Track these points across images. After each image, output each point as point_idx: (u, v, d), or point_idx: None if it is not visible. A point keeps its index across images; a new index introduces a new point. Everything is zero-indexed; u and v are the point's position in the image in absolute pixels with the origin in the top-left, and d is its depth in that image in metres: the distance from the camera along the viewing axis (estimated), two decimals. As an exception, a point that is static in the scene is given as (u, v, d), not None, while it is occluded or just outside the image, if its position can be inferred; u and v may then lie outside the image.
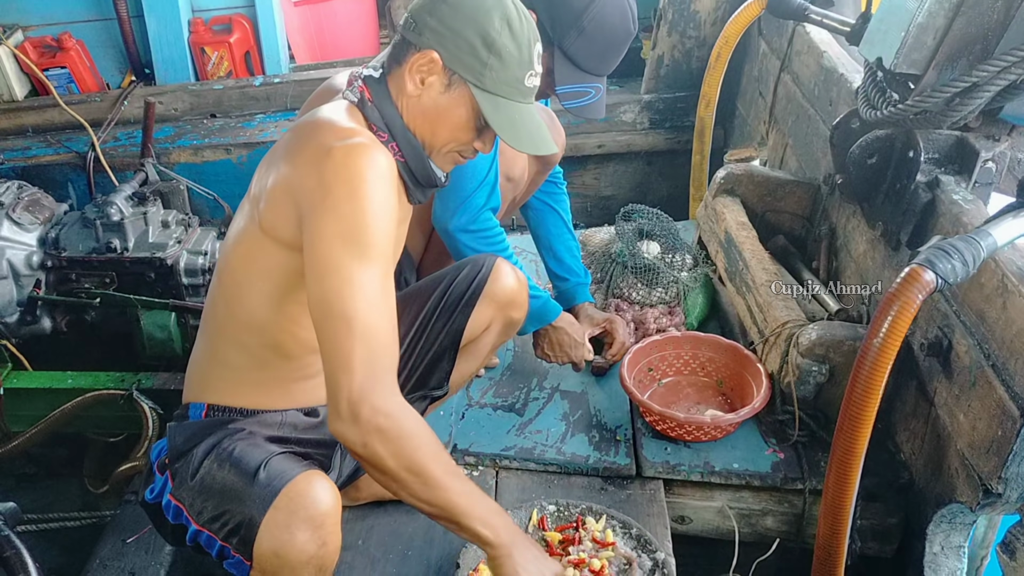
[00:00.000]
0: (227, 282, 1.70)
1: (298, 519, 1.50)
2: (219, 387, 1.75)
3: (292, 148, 1.58)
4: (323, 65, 4.23)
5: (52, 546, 2.69)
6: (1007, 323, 1.67)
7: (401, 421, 1.46)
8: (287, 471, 1.55)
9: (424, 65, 1.58)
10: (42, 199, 3.16)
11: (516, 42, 1.56)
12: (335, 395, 1.44)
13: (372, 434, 1.43)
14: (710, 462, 2.19)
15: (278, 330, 1.68)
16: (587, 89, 2.15)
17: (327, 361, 1.47)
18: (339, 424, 1.45)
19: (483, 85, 1.57)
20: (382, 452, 1.45)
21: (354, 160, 1.49)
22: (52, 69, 3.88)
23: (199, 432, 1.68)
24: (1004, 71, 1.82)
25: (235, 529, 1.55)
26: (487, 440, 2.31)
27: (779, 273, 2.51)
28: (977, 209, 1.91)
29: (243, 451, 1.61)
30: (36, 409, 2.80)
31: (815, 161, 2.77)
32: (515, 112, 1.61)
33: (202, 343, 1.79)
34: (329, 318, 1.46)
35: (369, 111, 1.63)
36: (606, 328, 2.60)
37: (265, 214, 1.59)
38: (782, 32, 3.14)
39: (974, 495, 1.76)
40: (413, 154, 1.65)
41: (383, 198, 1.50)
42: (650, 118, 3.79)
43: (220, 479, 1.58)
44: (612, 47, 2.13)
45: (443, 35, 1.55)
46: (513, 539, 1.57)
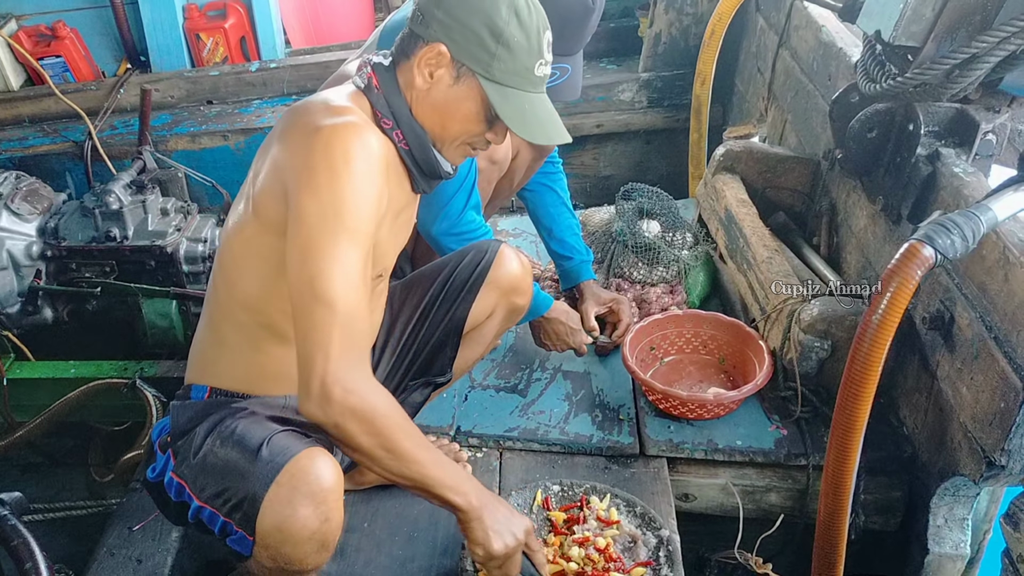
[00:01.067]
0: (226, 263, 1.71)
1: (300, 494, 1.51)
2: (221, 369, 1.76)
3: (285, 128, 1.58)
4: (319, 49, 4.21)
5: (59, 535, 2.69)
6: (1009, 295, 1.67)
7: (372, 401, 1.48)
8: (290, 447, 1.56)
9: (432, 58, 1.57)
10: (40, 189, 3.16)
11: (524, 31, 1.55)
12: (308, 375, 1.46)
13: (345, 414, 1.46)
14: (713, 440, 2.20)
15: (273, 310, 1.68)
16: (552, 70, 2.10)
17: (303, 340, 1.47)
18: (309, 404, 1.46)
19: (492, 76, 1.56)
20: (355, 430, 1.47)
21: (341, 139, 1.48)
22: (47, 58, 3.87)
23: (201, 411, 1.69)
24: (1003, 42, 1.80)
25: (238, 505, 1.56)
26: (490, 422, 2.32)
27: (780, 249, 2.51)
28: (978, 181, 1.90)
29: (246, 428, 1.62)
30: (40, 399, 2.81)
31: (815, 136, 2.76)
32: (525, 102, 1.60)
33: (204, 325, 1.80)
34: (309, 299, 1.46)
35: (375, 98, 1.62)
36: (611, 307, 2.59)
37: (258, 197, 1.59)
38: (780, 7, 3.12)
39: (977, 467, 1.76)
40: (418, 143, 1.64)
41: (368, 179, 1.50)
42: (648, 97, 3.77)
43: (222, 456, 1.59)
44: (569, 24, 2.06)
45: (450, 27, 1.54)
46: (482, 503, 1.61)
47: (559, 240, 2.65)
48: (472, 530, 1.62)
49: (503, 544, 1.63)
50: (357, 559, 1.98)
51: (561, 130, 1.67)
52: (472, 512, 1.60)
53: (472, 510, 1.59)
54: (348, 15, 4.50)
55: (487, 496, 1.64)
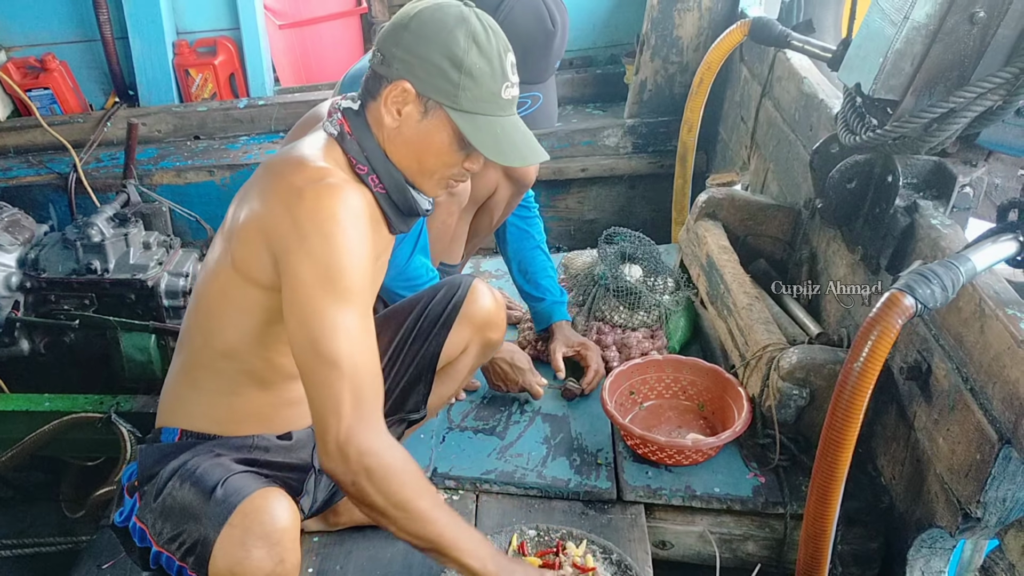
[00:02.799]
0: (202, 312, 1.70)
1: (254, 535, 1.49)
2: (193, 412, 1.74)
3: (264, 186, 1.58)
4: (308, 88, 4.24)
5: (27, 572, 2.65)
6: (985, 347, 1.68)
7: (388, 460, 1.48)
8: (244, 487, 1.54)
9: (397, 96, 1.57)
10: (22, 219, 3.14)
11: (485, 57, 1.54)
12: (323, 436, 1.46)
13: (360, 474, 1.46)
14: (691, 486, 2.19)
15: (254, 357, 1.68)
16: (521, 99, 2.04)
17: (314, 403, 1.48)
18: (328, 462, 1.47)
19: (459, 106, 1.55)
20: (370, 490, 1.48)
21: (325, 202, 1.48)
22: (35, 90, 3.88)
23: (168, 454, 1.66)
24: (980, 97, 1.83)
25: (191, 548, 1.53)
26: (467, 464, 2.30)
27: (760, 296, 2.52)
28: (955, 234, 1.92)
29: (205, 470, 1.60)
30: (12, 432, 2.76)
31: (796, 185, 2.79)
32: (496, 127, 1.59)
33: (177, 368, 1.78)
34: (314, 362, 1.47)
35: (348, 145, 1.62)
36: (579, 352, 2.59)
37: (237, 253, 1.58)
38: (763, 58, 3.16)
39: (953, 519, 1.76)
40: (394, 185, 1.64)
41: (357, 238, 1.50)
42: (633, 142, 3.81)
43: (179, 498, 1.57)
44: (532, 51, 2.03)
45: (411, 63, 1.54)
46: (499, 567, 1.58)
47: (533, 282, 2.65)
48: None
49: None
50: (329, 602, 1.95)
51: (537, 149, 1.66)
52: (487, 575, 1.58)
53: (490, 575, 1.57)
54: (337, 54, 4.54)
55: (504, 561, 1.62)
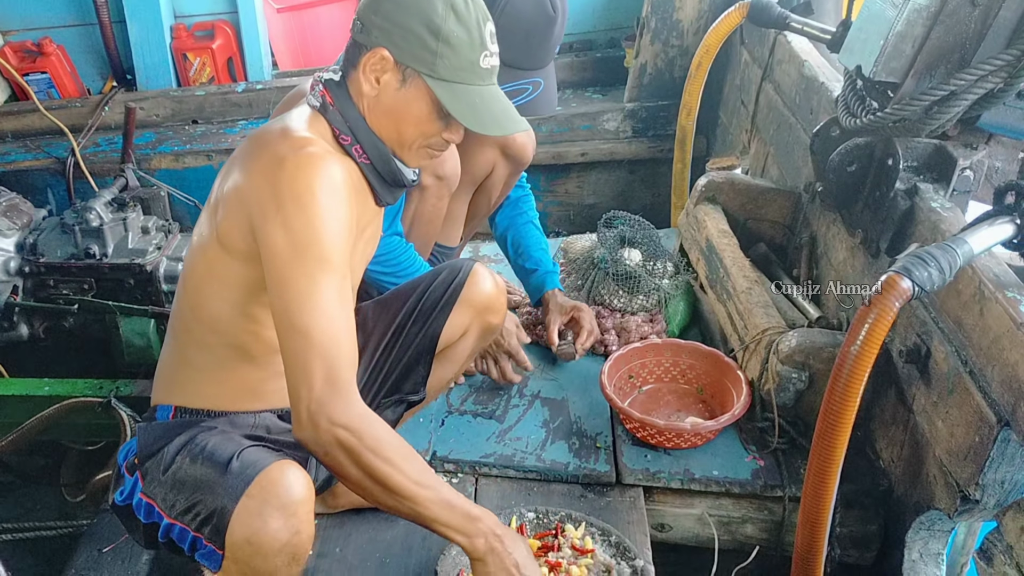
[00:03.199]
0: (189, 287, 1.71)
1: (271, 507, 1.50)
2: (186, 389, 1.75)
3: (247, 157, 1.58)
4: (306, 72, 4.21)
5: (28, 555, 2.65)
6: (984, 330, 1.67)
7: (361, 432, 1.47)
8: (260, 460, 1.55)
9: (376, 64, 1.57)
10: (20, 204, 3.14)
11: (464, 25, 1.54)
12: (296, 406, 1.47)
13: (331, 445, 1.46)
14: (690, 469, 2.19)
15: (240, 331, 1.68)
16: (523, 86, 2.08)
17: (288, 373, 1.49)
18: (301, 432, 1.48)
19: (437, 74, 1.55)
20: (343, 461, 1.48)
21: (305, 171, 1.49)
22: (32, 74, 3.85)
23: (169, 431, 1.67)
24: (981, 80, 1.83)
25: (207, 518, 1.54)
26: (467, 447, 2.30)
27: (759, 280, 2.52)
28: (955, 217, 1.91)
29: (216, 444, 1.61)
30: (12, 416, 2.77)
31: (796, 169, 2.78)
32: (475, 96, 1.59)
33: (169, 346, 1.79)
34: (288, 331, 1.48)
35: (331, 115, 1.63)
36: (573, 316, 2.60)
37: (221, 225, 1.59)
38: (763, 41, 3.15)
39: (952, 502, 1.76)
40: (378, 155, 1.65)
41: (335, 207, 1.50)
42: (633, 127, 3.80)
43: (193, 472, 1.58)
44: (533, 37, 2.05)
45: (389, 31, 1.54)
46: (489, 547, 1.57)
47: (525, 255, 2.66)
48: (475, 569, 1.59)
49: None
50: (329, 584, 1.96)
51: (516, 119, 1.65)
52: (475, 553, 1.57)
53: (475, 551, 1.57)
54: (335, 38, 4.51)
55: (500, 540, 1.59)
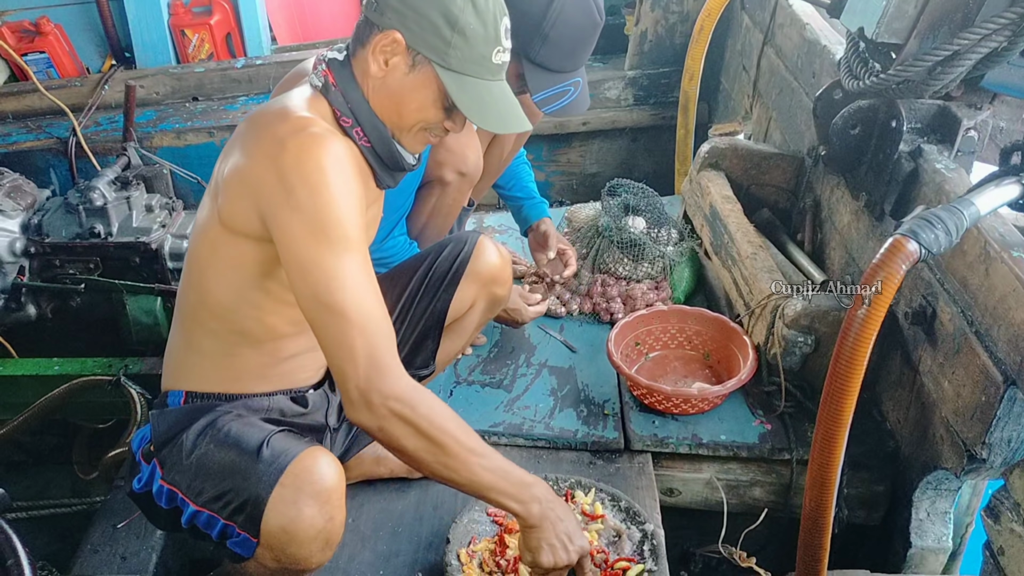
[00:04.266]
0: (193, 270, 1.70)
1: (305, 495, 1.52)
2: (196, 374, 1.74)
3: (248, 138, 1.56)
4: (305, 46, 4.20)
5: (43, 532, 2.67)
6: (989, 290, 1.68)
7: (414, 402, 1.49)
8: (291, 448, 1.56)
9: (387, 46, 1.54)
10: (24, 185, 3.13)
11: (480, 19, 1.52)
12: (344, 386, 1.48)
13: (386, 419, 1.47)
14: (698, 434, 2.20)
15: (243, 316, 1.67)
16: (565, 88, 2.08)
17: (329, 355, 1.49)
18: (354, 412, 1.49)
19: (448, 64, 1.54)
20: (399, 434, 1.49)
21: (309, 152, 1.47)
22: (31, 54, 3.83)
23: (185, 417, 1.67)
24: (985, 39, 1.81)
25: (240, 507, 1.55)
26: (475, 417, 2.31)
27: (764, 246, 2.52)
28: (960, 178, 1.91)
29: (241, 430, 1.61)
30: (23, 397, 2.78)
31: (799, 134, 2.78)
32: (483, 91, 1.57)
33: (176, 330, 1.78)
34: (322, 314, 1.47)
35: (333, 96, 1.60)
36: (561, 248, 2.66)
37: (224, 207, 1.58)
38: (765, 5, 3.13)
39: (959, 461, 1.78)
40: (379, 138, 1.63)
41: (344, 184, 1.49)
42: (634, 94, 3.78)
43: (220, 458, 1.58)
44: (581, 43, 2.05)
45: (405, 15, 1.52)
46: (543, 514, 1.60)
47: (519, 186, 2.69)
48: (527, 536, 1.62)
49: (552, 559, 1.62)
50: (341, 554, 1.97)
51: (521, 118, 1.64)
52: (530, 519, 1.60)
53: (530, 517, 1.59)
54: (334, 11, 4.50)
55: (553, 507, 1.62)
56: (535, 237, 2.68)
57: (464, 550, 1.87)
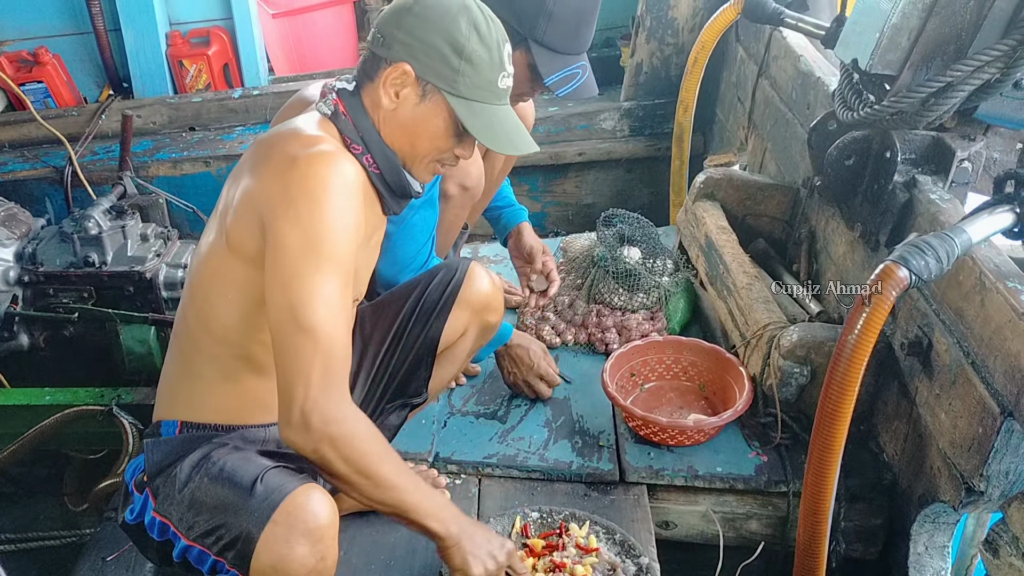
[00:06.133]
0: (197, 296, 1.69)
1: (297, 533, 1.50)
2: (193, 403, 1.73)
3: (257, 160, 1.57)
4: (302, 77, 4.22)
5: (31, 565, 2.65)
6: (985, 320, 1.67)
7: (350, 428, 1.49)
8: (285, 484, 1.54)
9: (397, 78, 1.58)
10: (19, 214, 3.13)
11: (485, 45, 1.57)
12: (288, 403, 1.47)
13: (323, 441, 1.47)
14: (693, 466, 2.18)
15: (249, 340, 1.67)
16: (574, 71, 2.15)
17: (283, 368, 1.49)
18: (289, 431, 1.48)
19: (457, 92, 1.58)
20: (332, 457, 1.48)
21: (317, 168, 1.49)
22: (29, 84, 3.85)
23: (179, 447, 1.65)
24: (978, 71, 1.82)
25: (231, 543, 1.53)
26: (469, 448, 2.30)
27: (759, 276, 2.52)
28: (954, 208, 1.91)
29: (236, 464, 1.59)
30: (14, 427, 2.76)
31: (794, 164, 2.78)
32: (492, 115, 1.62)
33: (173, 359, 1.77)
34: (290, 327, 1.47)
35: (343, 124, 1.63)
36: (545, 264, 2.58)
37: (232, 230, 1.58)
38: (759, 37, 3.15)
39: (956, 494, 1.76)
40: (388, 166, 1.65)
41: (346, 206, 1.50)
42: (630, 125, 3.80)
43: (213, 493, 1.56)
44: (584, 20, 2.11)
45: (412, 46, 1.55)
46: (461, 529, 1.62)
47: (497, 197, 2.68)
48: (451, 557, 1.62)
49: (483, 569, 1.64)
50: (333, 588, 1.95)
51: (528, 140, 1.69)
52: (450, 539, 1.61)
53: (450, 536, 1.60)
54: (331, 43, 4.52)
55: (466, 522, 1.65)
56: (515, 243, 2.65)
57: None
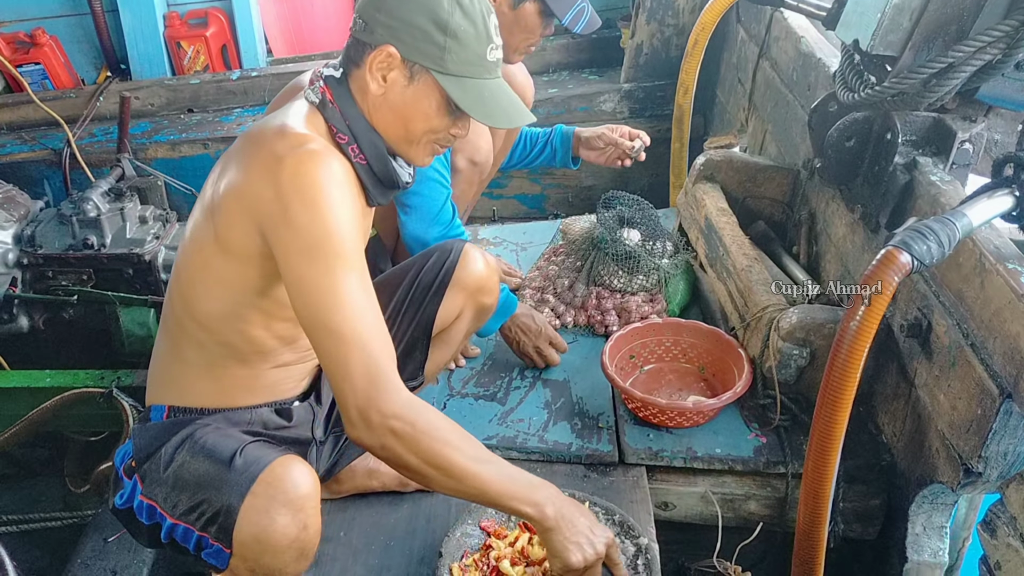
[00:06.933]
0: (183, 282, 1.68)
1: (277, 503, 1.50)
2: (180, 386, 1.73)
3: (245, 155, 1.55)
4: (301, 58, 4.21)
5: (33, 546, 2.66)
6: (985, 302, 1.67)
7: (413, 418, 1.46)
8: (264, 456, 1.55)
9: (383, 62, 1.55)
10: (17, 196, 3.13)
11: (470, 19, 1.53)
12: (344, 405, 1.46)
13: (387, 436, 1.45)
14: (692, 448, 2.19)
15: (229, 329, 1.66)
16: (580, 6, 2.34)
17: (329, 375, 1.48)
18: (354, 431, 1.47)
19: (446, 69, 1.54)
20: (400, 451, 1.46)
21: (307, 169, 1.47)
22: (26, 65, 3.85)
23: (165, 431, 1.66)
24: (980, 51, 1.81)
25: (213, 517, 1.53)
26: (469, 430, 2.20)
27: (759, 258, 2.51)
28: (955, 190, 1.91)
29: (216, 441, 1.60)
30: (14, 409, 2.77)
31: (794, 146, 2.77)
32: (483, 90, 1.58)
33: (162, 343, 1.77)
34: (320, 333, 1.46)
35: (330, 113, 1.60)
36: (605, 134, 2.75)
37: (220, 226, 1.56)
38: (760, 18, 3.13)
39: (955, 475, 1.76)
40: (376, 155, 1.63)
41: (342, 200, 1.49)
42: (630, 107, 3.79)
43: (194, 470, 1.57)
44: None
45: (395, 28, 1.53)
46: (559, 513, 1.56)
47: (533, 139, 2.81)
48: (548, 541, 1.58)
49: (582, 557, 1.58)
50: (333, 568, 1.96)
51: (524, 111, 1.66)
52: (546, 522, 1.55)
53: (546, 520, 1.55)
54: (330, 24, 4.50)
55: (565, 505, 1.59)
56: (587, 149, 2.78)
57: (456, 564, 1.85)
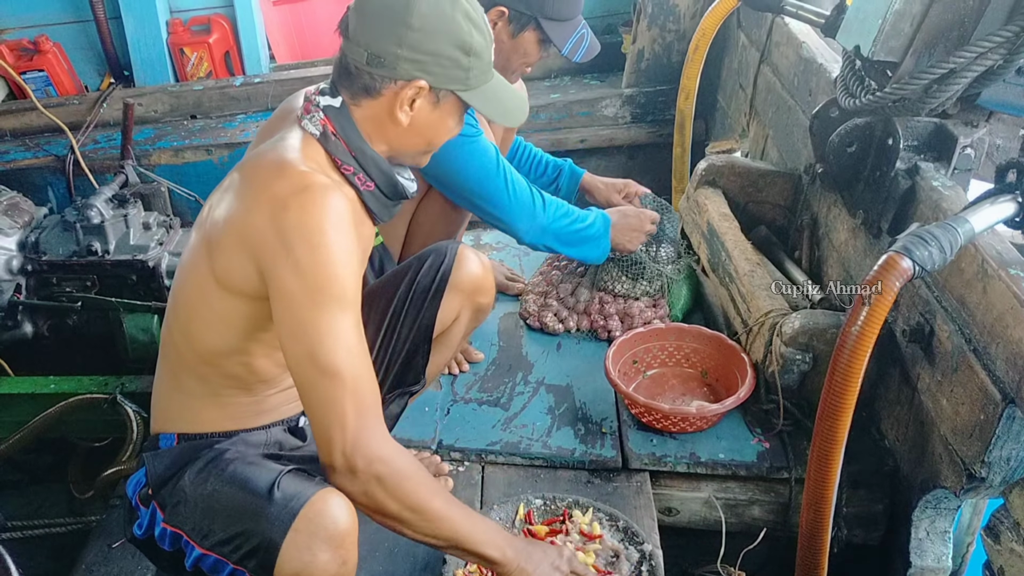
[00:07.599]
0: (181, 315, 1.67)
1: (319, 540, 1.49)
2: (186, 416, 1.72)
3: (245, 192, 1.53)
4: (303, 64, 4.21)
5: (38, 552, 2.66)
6: (987, 307, 1.68)
7: (397, 464, 1.49)
8: (303, 490, 1.53)
9: (412, 95, 1.56)
10: (21, 203, 3.13)
11: (480, 30, 1.57)
12: (328, 449, 1.46)
13: (371, 482, 1.47)
14: (696, 453, 2.19)
15: (234, 364, 1.66)
16: (580, 33, 2.32)
17: (315, 415, 1.47)
18: (336, 477, 1.48)
19: (469, 87, 1.59)
20: (382, 497, 1.48)
21: (310, 211, 1.46)
22: (29, 72, 3.84)
23: (180, 456, 1.65)
24: (981, 57, 1.82)
25: (252, 552, 1.52)
26: (472, 435, 2.31)
27: (761, 263, 2.52)
28: (956, 195, 1.91)
29: (246, 470, 1.59)
30: (19, 415, 2.77)
31: (796, 151, 2.78)
32: (497, 92, 1.64)
33: (163, 371, 1.76)
34: (313, 374, 1.45)
35: (333, 146, 1.59)
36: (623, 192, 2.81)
37: (219, 263, 1.55)
38: (761, 24, 3.14)
39: (958, 480, 1.77)
40: (384, 179, 1.64)
41: (345, 243, 1.48)
42: (631, 112, 3.79)
43: (228, 499, 1.55)
44: None
45: (423, 62, 1.53)
46: (517, 551, 1.62)
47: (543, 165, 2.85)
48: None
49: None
50: None
51: (524, 102, 1.74)
52: (509, 563, 1.61)
53: (508, 561, 1.60)
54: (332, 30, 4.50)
55: (520, 543, 1.66)
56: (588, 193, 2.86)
57: (460, 571, 1.86)
